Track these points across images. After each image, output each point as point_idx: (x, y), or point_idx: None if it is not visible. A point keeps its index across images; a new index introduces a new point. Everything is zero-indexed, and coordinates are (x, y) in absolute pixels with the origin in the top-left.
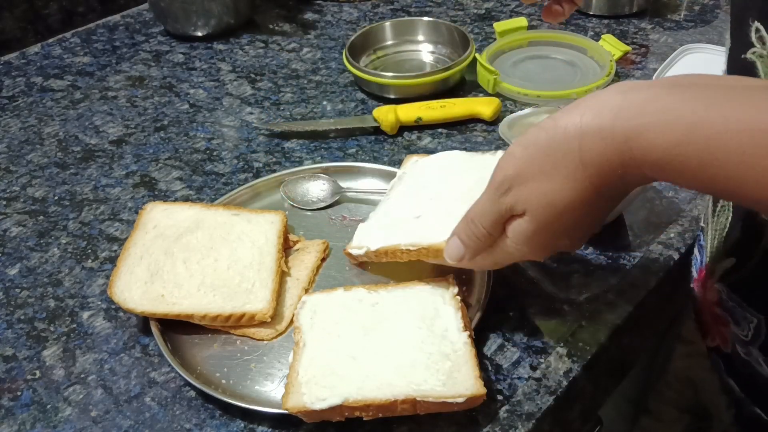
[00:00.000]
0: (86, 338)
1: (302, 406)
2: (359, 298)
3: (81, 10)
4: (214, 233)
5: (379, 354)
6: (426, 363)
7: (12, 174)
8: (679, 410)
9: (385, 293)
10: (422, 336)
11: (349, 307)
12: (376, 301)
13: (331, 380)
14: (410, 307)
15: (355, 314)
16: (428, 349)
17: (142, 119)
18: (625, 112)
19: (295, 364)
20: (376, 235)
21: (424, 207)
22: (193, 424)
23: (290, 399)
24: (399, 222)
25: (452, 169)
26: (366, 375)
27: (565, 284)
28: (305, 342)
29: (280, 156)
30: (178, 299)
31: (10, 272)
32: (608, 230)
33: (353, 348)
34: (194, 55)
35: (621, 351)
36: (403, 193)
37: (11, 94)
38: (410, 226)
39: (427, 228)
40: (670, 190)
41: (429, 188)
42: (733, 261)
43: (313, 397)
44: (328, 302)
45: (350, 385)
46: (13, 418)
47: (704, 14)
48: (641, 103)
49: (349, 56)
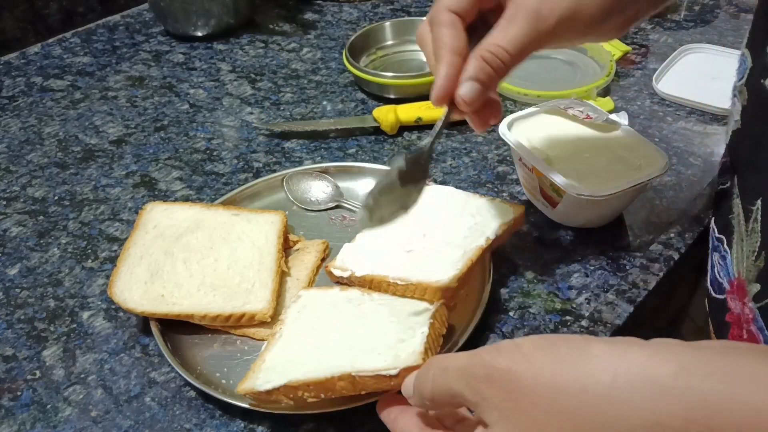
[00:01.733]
0: (86, 338)
1: (251, 388)
2: (350, 298)
3: (81, 10)
4: (214, 233)
5: (342, 346)
6: (378, 349)
7: (12, 174)
8: None
9: (377, 296)
10: (388, 333)
11: (336, 305)
12: (363, 302)
13: (287, 367)
14: (391, 310)
15: (340, 312)
16: (387, 341)
17: (142, 119)
18: None
19: (264, 353)
20: (363, 260)
21: (416, 243)
22: (193, 424)
23: (245, 383)
24: (388, 252)
25: (448, 208)
26: (318, 360)
27: (565, 284)
28: (282, 334)
29: (280, 156)
30: (178, 299)
31: (10, 272)
32: (608, 230)
33: (321, 340)
34: (194, 55)
35: None
36: (395, 223)
37: (11, 94)
38: (400, 259)
39: (418, 264)
40: (670, 190)
41: (422, 223)
42: (758, 287)
43: (263, 380)
44: (320, 299)
45: (300, 369)
46: (13, 418)
47: (704, 14)
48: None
49: (349, 56)
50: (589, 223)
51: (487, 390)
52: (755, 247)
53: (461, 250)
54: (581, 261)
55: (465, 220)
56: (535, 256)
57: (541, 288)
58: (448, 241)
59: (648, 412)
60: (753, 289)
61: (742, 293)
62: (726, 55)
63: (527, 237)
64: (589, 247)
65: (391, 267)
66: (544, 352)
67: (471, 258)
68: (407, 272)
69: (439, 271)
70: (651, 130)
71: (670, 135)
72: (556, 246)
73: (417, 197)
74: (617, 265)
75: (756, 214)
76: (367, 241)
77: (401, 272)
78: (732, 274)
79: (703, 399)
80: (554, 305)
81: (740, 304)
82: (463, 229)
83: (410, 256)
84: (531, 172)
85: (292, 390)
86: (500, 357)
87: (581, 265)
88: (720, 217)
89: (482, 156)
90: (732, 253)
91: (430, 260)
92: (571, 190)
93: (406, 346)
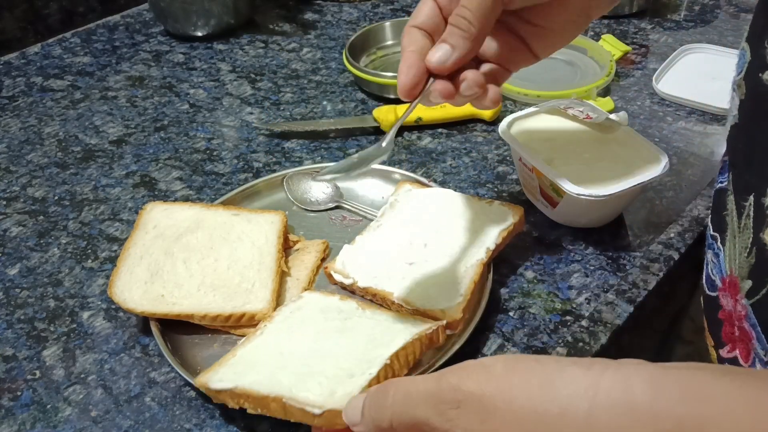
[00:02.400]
0: (86, 338)
1: (205, 382)
2: (341, 309)
3: (81, 10)
4: (214, 233)
5: (301, 361)
6: (324, 376)
7: (12, 174)
8: None
9: (370, 313)
10: (348, 361)
11: (326, 313)
12: (353, 316)
13: (244, 369)
14: (371, 333)
15: (325, 321)
16: (339, 370)
17: (142, 119)
18: None
19: (237, 347)
20: (364, 265)
21: (418, 254)
22: (193, 424)
23: (204, 374)
24: (391, 264)
25: (448, 213)
26: (269, 372)
27: (565, 284)
28: (263, 331)
29: (280, 156)
30: (178, 299)
31: (10, 272)
32: (608, 230)
33: (290, 348)
34: (194, 55)
35: (621, 351)
36: (395, 227)
37: (11, 94)
38: (402, 272)
39: (421, 282)
40: (670, 190)
41: (424, 231)
42: (750, 283)
43: (218, 377)
44: (315, 304)
45: (250, 376)
46: (13, 418)
47: (704, 14)
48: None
49: (349, 56)
50: (589, 223)
51: (458, 416)
52: (747, 243)
53: (463, 266)
54: (581, 261)
55: (465, 226)
56: (535, 256)
57: (541, 288)
58: (450, 254)
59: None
60: (745, 286)
61: (735, 290)
62: (726, 55)
63: (527, 237)
64: (589, 247)
65: (393, 281)
66: (518, 376)
67: (474, 279)
68: (411, 292)
69: (442, 296)
70: (651, 130)
71: (670, 135)
72: (556, 246)
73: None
74: (617, 265)
75: (748, 209)
76: (367, 243)
77: (404, 291)
78: (725, 271)
79: (678, 423)
80: (554, 305)
81: (732, 300)
82: (463, 239)
83: (412, 270)
84: (531, 172)
85: (236, 396)
86: (469, 380)
87: (581, 265)
88: (715, 214)
89: (482, 156)
90: (725, 251)
91: (433, 279)
92: (571, 190)
93: (348, 383)
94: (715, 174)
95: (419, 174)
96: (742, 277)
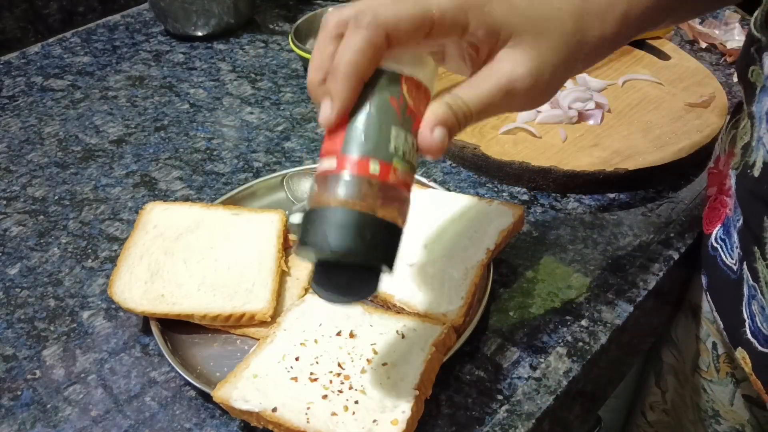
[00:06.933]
0: (86, 338)
1: (228, 399)
2: (349, 315)
3: (81, 10)
4: (214, 233)
5: (327, 380)
6: (358, 409)
7: (12, 174)
8: None
9: (377, 318)
10: (377, 380)
11: (334, 320)
12: (362, 323)
13: (267, 386)
14: (383, 341)
15: (335, 329)
16: (374, 395)
17: (142, 119)
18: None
19: (250, 356)
20: None
21: (417, 255)
22: (193, 423)
23: (223, 388)
24: None
25: (450, 214)
26: (295, 396)
27: (565, 284)
28: (274, 339)
29: (280, 156)
30: (178, 299)
31: (10, 272)
32: (608, 230)
33: (307, 361)
34: (194, 55)
35: (621, 351)
36: None
37: (11, 94)
38: (402, 273)
39: (422, 285)
40: (670, 191)
41: (424, 232)
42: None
43: (241, 394)
44: (321, 307)
45: (277, 398)
46: (13, 418)
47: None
48: None
49: (295, 40)
50: None
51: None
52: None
53: (463, 267)
54: (581, 261)
55: (464, 227)
56: (535, 256)
57: (541, 288)
58: (450, 255)
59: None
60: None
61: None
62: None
63: (527, 237)
64: (589, 247)
65: (394, 283)
66: None
67: (474, 281)
68: (412, 296)
69: (443, 299)
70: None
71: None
72: (557, 246)
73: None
74: (617, 265)
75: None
76: None
77: (406, 294)
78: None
79: None
80: (554, 305)
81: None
82: (463, 239)
83: (413, 272)
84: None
85: (263, 421)
86: None
87: (581, 265)
88: (750, 261)
89: None
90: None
91: (433, 282)
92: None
93: (381, 418)
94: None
95: (419, 174)
96: None
